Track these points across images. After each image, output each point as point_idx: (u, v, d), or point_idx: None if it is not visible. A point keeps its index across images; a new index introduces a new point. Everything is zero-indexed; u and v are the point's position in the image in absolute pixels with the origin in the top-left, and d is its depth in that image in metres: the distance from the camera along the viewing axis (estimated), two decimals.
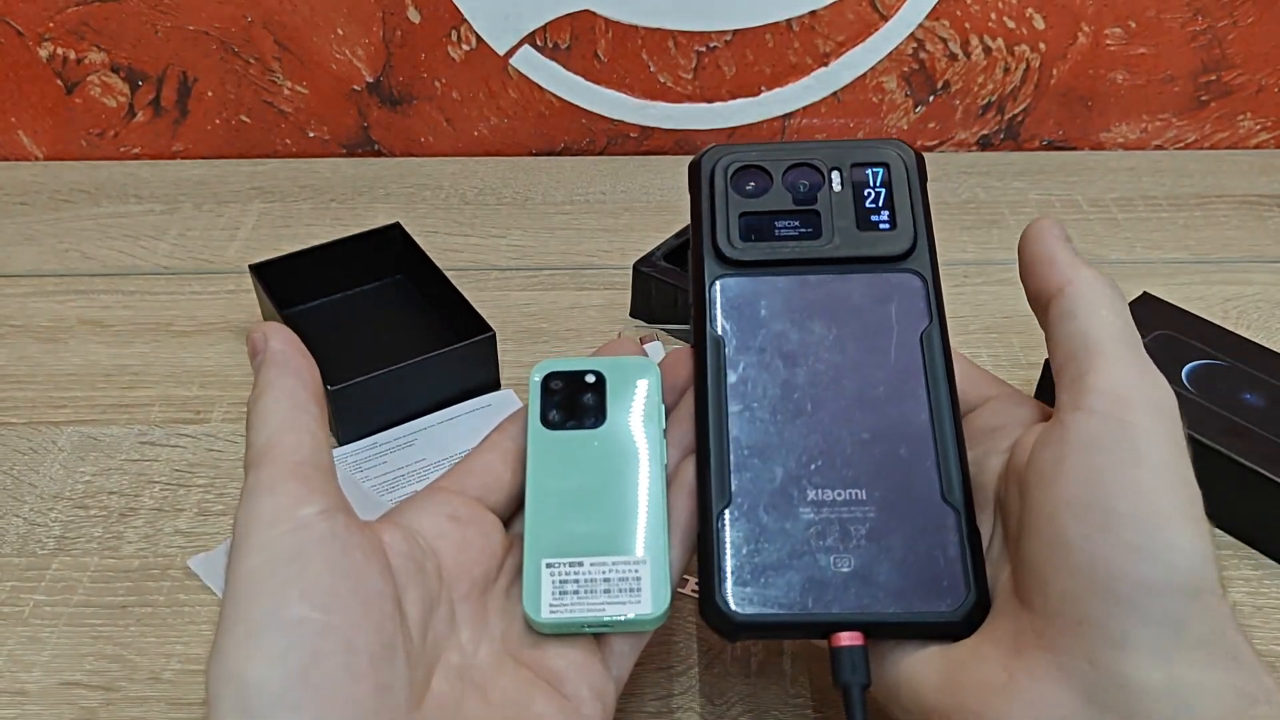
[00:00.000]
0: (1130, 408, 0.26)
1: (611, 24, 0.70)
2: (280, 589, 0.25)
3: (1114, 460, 0.26)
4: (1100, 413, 0.26)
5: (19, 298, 0.60)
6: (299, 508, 0.26)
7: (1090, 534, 0.25)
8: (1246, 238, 0.65)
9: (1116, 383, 0.27)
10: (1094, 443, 0.26)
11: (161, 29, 0.70)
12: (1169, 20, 0.70)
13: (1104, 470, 0.26)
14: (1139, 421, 0.26)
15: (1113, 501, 0.25)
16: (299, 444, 0.28)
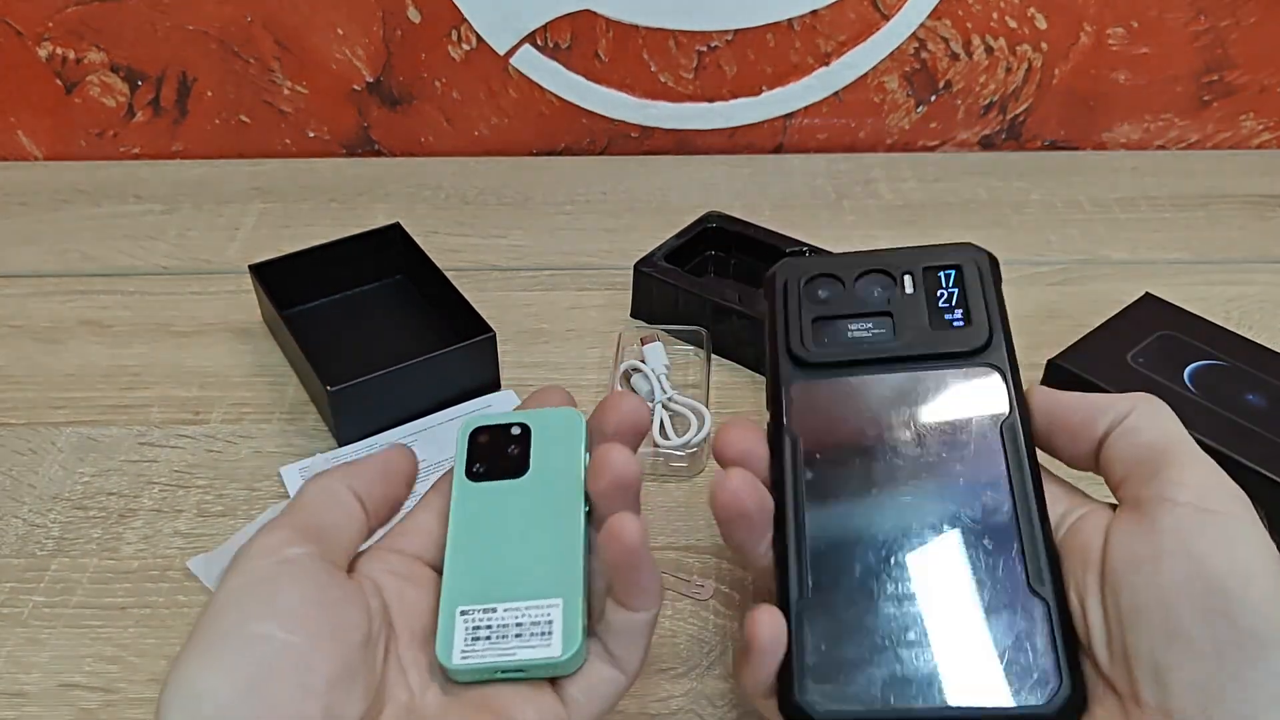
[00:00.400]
0: (1215, 498, 0.27)
1: (612, 23, 0.70)
2: (248, 607, 0.27)
3: (1217, 546, 0.26)
4: (1188, 504, 0.27)
5: (18, 298, 0.59)
6: (289, 546, 0.28)
7: (1212, 620, 0.26)
8: (1249, 238, 0.65)
9: (1197, 477, 0.28)
10: (1188, 529, 0.27)
11: (161, 29, 0.70)
12: (1171, 20, 0.70)
13: (1210, 557, 0.26)
14: (1228, 509, 0.27)
15: (1224, 583, 0.26)
16: (330, 518, 0.30)
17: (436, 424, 0.49)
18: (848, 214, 0.67)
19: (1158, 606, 0.26)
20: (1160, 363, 0.48)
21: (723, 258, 0.60)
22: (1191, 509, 0.27)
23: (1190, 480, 0.28)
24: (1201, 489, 0.28)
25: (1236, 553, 0.26)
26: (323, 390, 0.47)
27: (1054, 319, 0.57)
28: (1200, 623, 0.26)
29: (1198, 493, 0.28)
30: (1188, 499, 0.27)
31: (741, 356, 0.54)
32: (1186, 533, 0.27)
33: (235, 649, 0.26)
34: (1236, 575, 0.26)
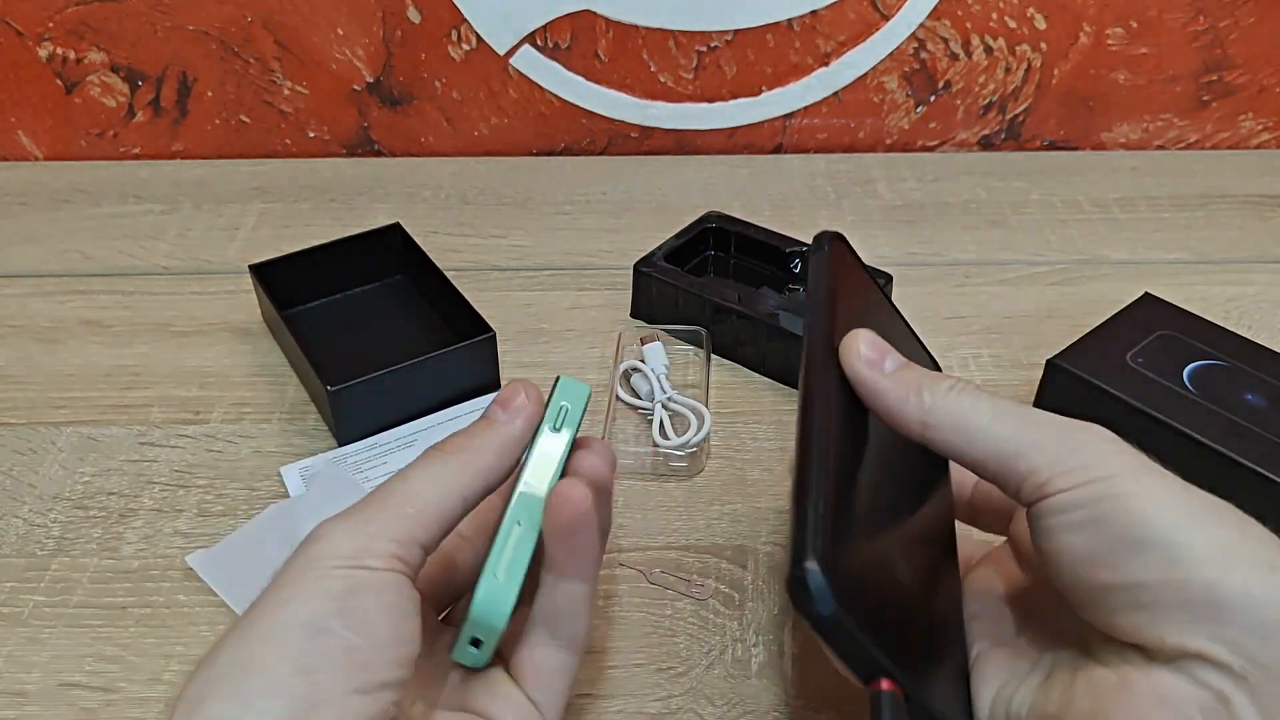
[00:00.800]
0: (1096, 467, 0.27)
1: (612, 24, 0.70)
2: (320, 604, 0.27)
3: (1122, 516, 0.26)
4: (1068, 489, 0.27)
5: (18, 298, 0.59)
6: (369, 553, 0.28)
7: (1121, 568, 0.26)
8: (1248, 238, 0.65)
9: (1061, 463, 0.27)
10: (1097, 505, 0.27)
11: (161, 29, 0.70)
12: (1170, 20, 0.70)
13: (1120, 530, 0.27)
14: (1114, 472, 0.27)
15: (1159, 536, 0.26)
16: (428, 502, 0.29)
17: (436, 424, 0.49)
18: (847, 214, 0.67)
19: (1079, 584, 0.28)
20: (1159, 363, 0.48)
21: (722, 258, 0.60)
22: (1070, 494, 0.27)
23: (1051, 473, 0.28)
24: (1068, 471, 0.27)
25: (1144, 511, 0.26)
26: (323, 390, 0.47)
27: (1053, 319, 0.57)
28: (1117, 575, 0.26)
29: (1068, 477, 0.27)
30: (1059, 488, 0.27)
31: (741, 356, 0.54)
32: (1094, 510, 0.27)
33: (299, 637, 0.26)
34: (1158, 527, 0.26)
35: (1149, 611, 0.26)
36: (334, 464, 0.47)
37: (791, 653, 0.39)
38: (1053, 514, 0.27)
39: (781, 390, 0.52)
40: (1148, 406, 0.46)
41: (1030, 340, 0.55)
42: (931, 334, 0.57)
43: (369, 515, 0.29)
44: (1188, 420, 0.45)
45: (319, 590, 0.27)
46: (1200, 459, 0.44)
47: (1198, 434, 0.44)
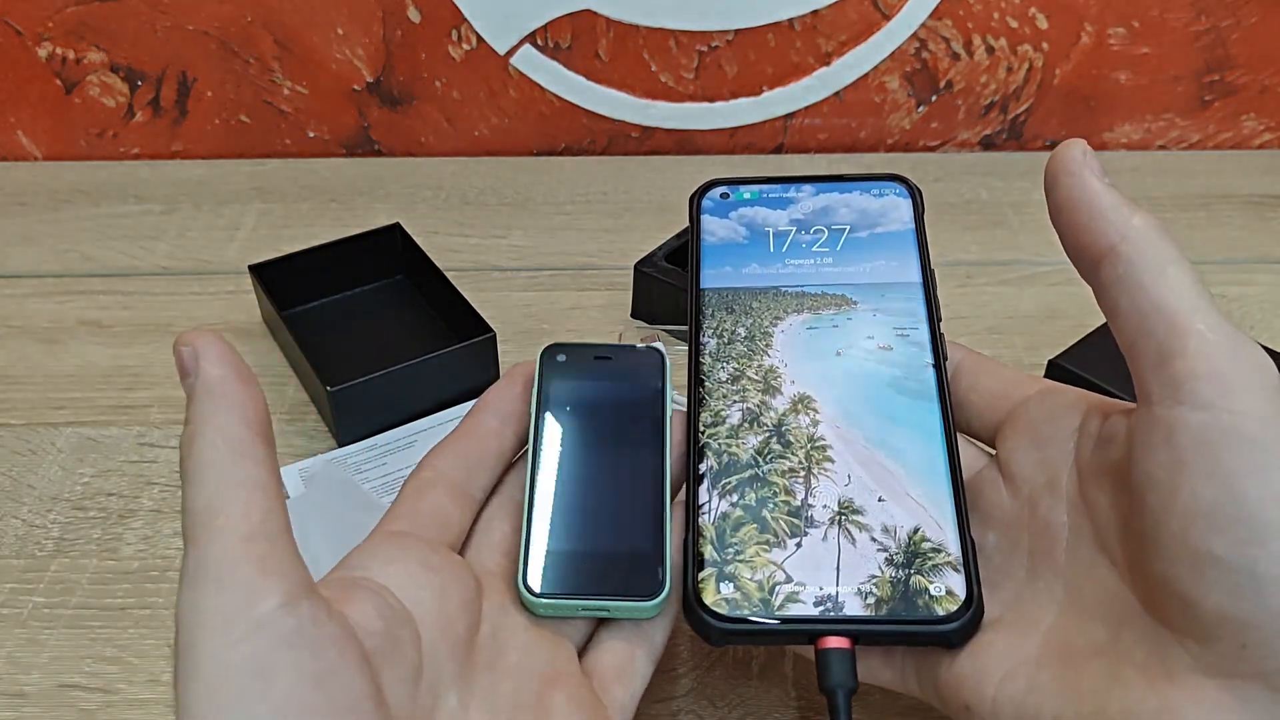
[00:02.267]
0: (1238, 394, 0.23)
1: (612, 23, 0.70)
2: (245, 715, 0.21)
3: (1243, 462, 0.23)
4: (1207, 405, 0.23)
5: (17, 298, 0.59)
6: (256, 602, 0.22)
7: (1242, 549, 0.23)
8: (1250, 239, 0.64)
9: (1215, 365, 0.24)
10: (1211, 442, 0.23)
11: (161, 28, 0.70)
12: (1172, 20, 0.70)
13: (1235, 475, 0.23)
14: (1254, 409, 0.23)
15: (1255, 509, 0.23)
16: (247, 507, 0.23)
17: (437, 424, 0.49)
18: None
19: (1181, 534, 0.23)
20: None
21: None
22: (1213, 412, 0.23)
23: (1208, 370, 0.24)
24: (1224, 382, 0.23)
25: (1264, 469, 0.23)
26: (323, 390, 0.46)
27: (1055, 319, 0.57)
28: (1230, 551, 0.23)
29: (1220, 388, 0.23)
30: (1209, 397, 0.23)
31: None
32: (1211, 446, 0.23)
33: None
34: (1268, 496, 0.23)
35: (1251, 607, 0.22)
36: (334, 465, 0.47)
37: (793, 653, 0.39)
38: (1188, 435, 0.24)
39: None
40: None
41: (1032, 340, 0.55)
42: None
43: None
44: None
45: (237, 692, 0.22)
46: None
47: None
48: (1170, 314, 0.25)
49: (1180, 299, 0.25)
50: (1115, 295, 0.26)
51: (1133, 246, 0.26)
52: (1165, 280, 0.25)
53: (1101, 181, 0.27)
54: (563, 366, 0.33)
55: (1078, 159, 0.27)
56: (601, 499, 0.31)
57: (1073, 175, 0.27)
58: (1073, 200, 0.27)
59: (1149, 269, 0.25)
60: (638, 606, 0.29)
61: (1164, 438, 0.24)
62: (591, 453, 0.32)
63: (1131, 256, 0.26)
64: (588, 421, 0.32)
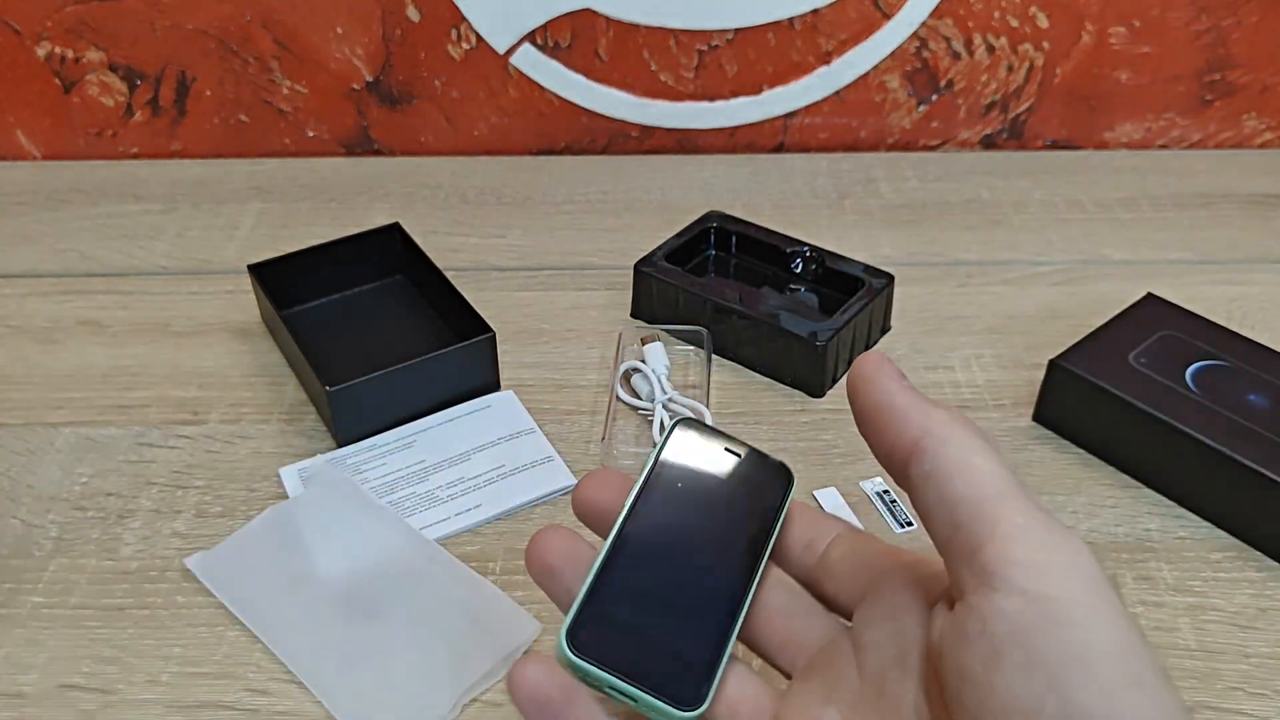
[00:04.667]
0: (1055, 579, 0.22)
1: (612, 23, 0.70)
2: None
3: (1065, 650, 0.21)
4: (1021, 590, 0.22)
5: (16, 298, 0.59)
6: None
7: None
8: (1251, 238, 0.64)
9: (1028, 551, 0.23)
10: (1028, 630, 0.22)
11: (160, 28, 0.70)
12: (1173, 19, 0.70)
13: (1057, 666, 0.21)
14: (1072, 594, 0.22)
15: (1080, 704, 0.21)
16: None
17: (436, 424, 0.49)
18: (849, 214, 0.67)
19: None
20: (1162, 363, 0.48)
21: (723, 257, 0.60)
22: (1026, 600, 0.22)
23: (1019, 557, 0.23)
24: (1036, 568, 0.22)
25: (1087, 657, 0.21)
26: (322, 390, 0.46)
27: (1055, 319, 0.57)
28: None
29: (1031, 574, 0.22)
30: (1021, 584, 0.22)
31: (742, 357, 0.54)
32: (1026, 637, 0.22)
33: None
34: (1092, 687, 0.21)
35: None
36: (333, 465, 0.47)
37: None
38: (1003, 623, 0.22)
39: (782, 390, 0.52)
40: (1150, 407, 0.45)
41: (1032, 340, 0.55)
42: (933, 334, 0.57)
43: None
44: (1190, 421, 0.45)
45: None
46: (1202, 459, 0.44)
47: (1200, 434, 0.44)
48: (977, 502, 0.24)
49: (986, 486, 0.24)
50: (924, 492, 0.25)
51: (935, 440, 0.25)
52: (970, 470, 0.24)
53: (899, 383, 0.26)
54: (689, 443, 0.32)
55: (873, 366, 0.27)
56: (676, 588, 0.29)
57: (870, 381, 0.26)
58: (872, 405, 0.26)
59: (953, 460, 0.25)
60: (669, 711, 0.27)
61: (978, 629, 0.23)
62: (684, 539, 0.30)
63: (935, 450, 0.25)
64: (692, 507, 0.31)
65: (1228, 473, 0.44)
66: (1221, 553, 0.44)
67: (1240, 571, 0.43)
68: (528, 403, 0.51)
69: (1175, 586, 0.43)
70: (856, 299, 0.53)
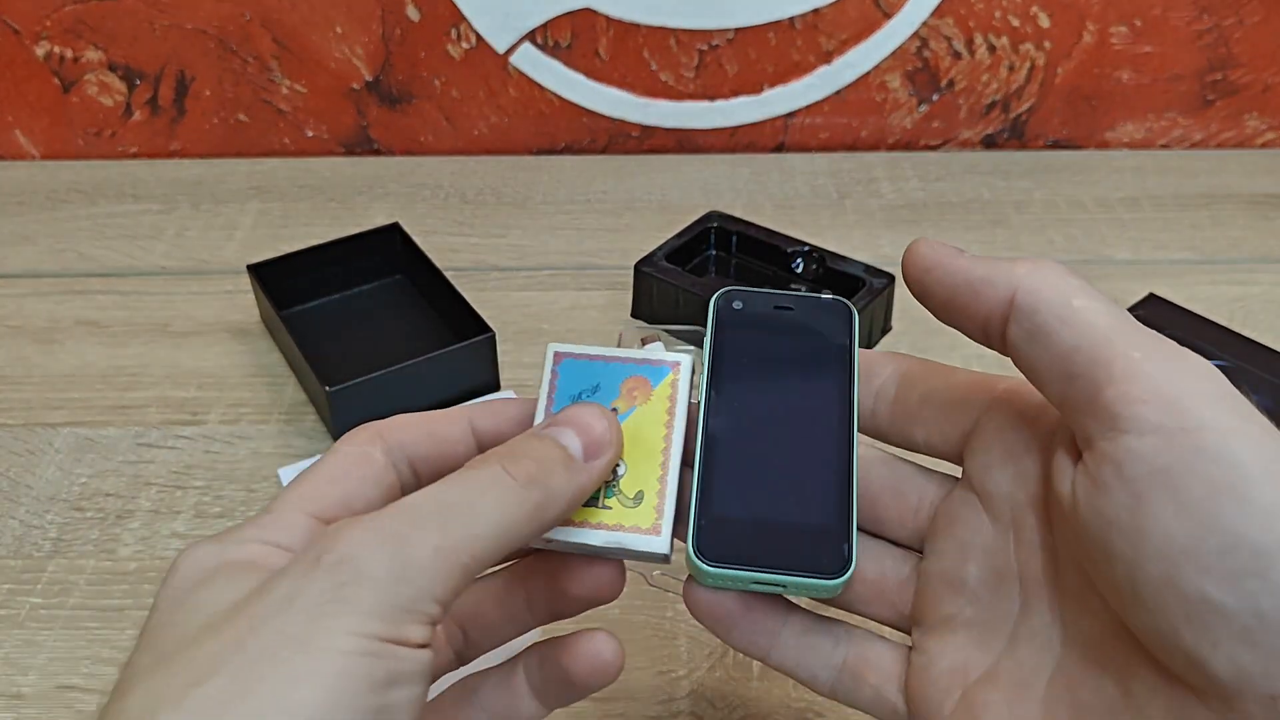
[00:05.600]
0: (1187, 409, 0.20)
1: (612, 22, 0.70)
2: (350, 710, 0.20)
3: (1213, 482, 0.20)
4: (1155, 428, 0.20)
5: (15, 298, 0.59)
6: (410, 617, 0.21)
7: (1239, 585, 0.19)
8: (1253, 238, 0.64)
9: (1153, 384, 0.21)
10: (1169, 467, 0.20)
11: (159, 27, 0.69)
12: (1175, 18, 0.69)
13: (1207, 500, 0.20)
14: (1210, 421, 0.20)
15: (1241, 535, 0.19)
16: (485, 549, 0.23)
17: None
18: (850, 213, 0.67)
19: (1167, 583, 0.20)
20: None
21: (724, 257, 0.59)
22: (1163, 436, 0.20)
23: (1146, 391, 0.21)
24: (1159, 404, 0.21)
25: (1236, 484, 0.20)
26: (321, 391, 0.46)
27: None
28: (1231, 593, 0.19)
29: (1158, 412, 0.21)
30: (1155, 420, 0.20)
31: None
32: (1169, 478, 0.20)
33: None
34: (1251, 514, 0.19)
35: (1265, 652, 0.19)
36: None
37: None
38: (1139, 464, 0.21)
39: None
40: None
41: None
42: (934, 334, 0.56)
43: (416, 555, 0.21)
44: None
45: (352, 685, 0.19)
46: None
47: None
48: (1088, 347, 0.22)
49: (1094, 328, 0.22)
50: (1030, 352, 0.23)
51: (1028, 295, 0.23)
52: (1074, 315, 0.23)
53: (964, 257, 0.25)
54: (739, 315, 0.30)
55: (930, 251, 0.25)
56: (781, 465, 0.27)
57: (936, 266, 0.25)
58: (948, 289, 0.25)
59: (1053, 311, 0.23)
60: (819, 585, 0.26)
61: (1114, 474, 0.21)
62: (769, 413, 0.28)
63: (1032, 305, 0.23)
64: (766, 378, 0.29)
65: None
66: None
67: None
68: None
69: None
70: (857, 299, 0.53)
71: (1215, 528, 0.20)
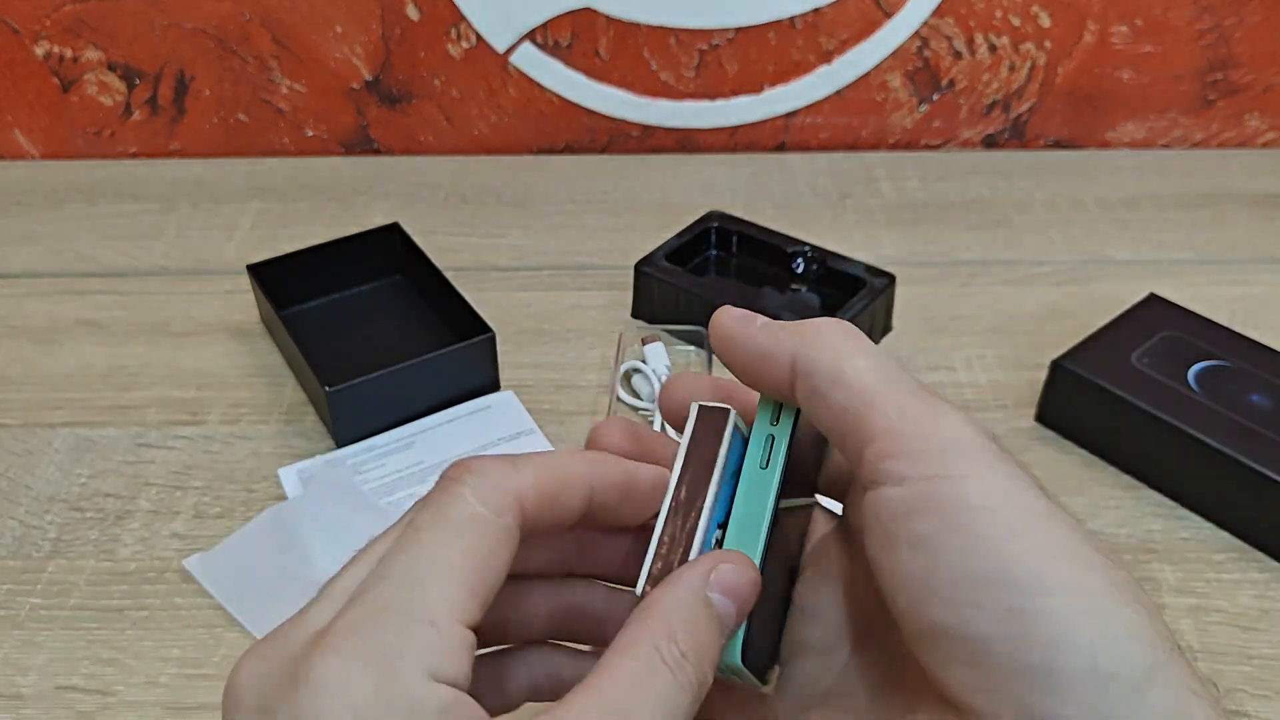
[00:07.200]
0: (930, 461, 0.23)
1: (613, 21, 0.69)
2: None
3: (943, 523, 0.22)
4: (899, 479, 0.23)
5: (14, 298, 0.59)
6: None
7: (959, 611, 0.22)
8: (1253, 238, 0.64)
9: (904, 441, 0.23)
10: (908, 513, 0.22)
11: (159, 27, 0.69)
12: (1175, 18, 0.69)
13: (932, 538, 0.22)
14: (948, 471, 0.22)
15: (961, 569, 0.22)
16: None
17: (436, 425, 0.49)
18: (850, 213, 0.67)
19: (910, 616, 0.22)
20: (1164, 363, 0.48)
21: (724, 257, 0.59)
22: (909, 487, 0.22)
23: (898, 448, 0.23)
24: (914, 452, 0.23)
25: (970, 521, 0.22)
26: (321, 391, 0.46)
27: (1058, 319, 0.57)
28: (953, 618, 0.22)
29: (912, 461, 0.23)
30: (902, 474, 0.23)
31: None
32: (913, 520, 0.22)
33: None
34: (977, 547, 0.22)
35: (984, 671, 0.21)
36: (332, 466, 0.47)
37: None
38: (887, 510, 0.23)
39: None
40: (1152, 408, 0.45)
41: (1034, 341, 0.55)
42: (935, 334, 0.56)
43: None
44: (1192, 421, 0.44)
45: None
46: (1205, 461, 0.44)
47: (1202, 435, 0.44)
48: (856, 408, 0.24)
49: (862, 391, 0.24)
50: (812, 412, 0.25)
51: (804, 361, 0.25)
52: (843, 377, 0.24)
53: (756, 324, 0.26)
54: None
55: (727, 322, 0.26)
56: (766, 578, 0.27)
57: (731, 337, 0.26)
58: (741, 358, 0.26)
59: (826, 374, 0.24)
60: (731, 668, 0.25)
61: (874, 519, 0.23)
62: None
63: (808, 370, 0.25)
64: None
65: (1230, 473, 0.43)
66: (1224, 554, 0.44)
67: (1243, 573, 0.43)
68: (528, 403, 0.51)
69: (1178, 588, 0.42)
70: (858, 299, 0.53)
71: (944, 563, 0.22)
